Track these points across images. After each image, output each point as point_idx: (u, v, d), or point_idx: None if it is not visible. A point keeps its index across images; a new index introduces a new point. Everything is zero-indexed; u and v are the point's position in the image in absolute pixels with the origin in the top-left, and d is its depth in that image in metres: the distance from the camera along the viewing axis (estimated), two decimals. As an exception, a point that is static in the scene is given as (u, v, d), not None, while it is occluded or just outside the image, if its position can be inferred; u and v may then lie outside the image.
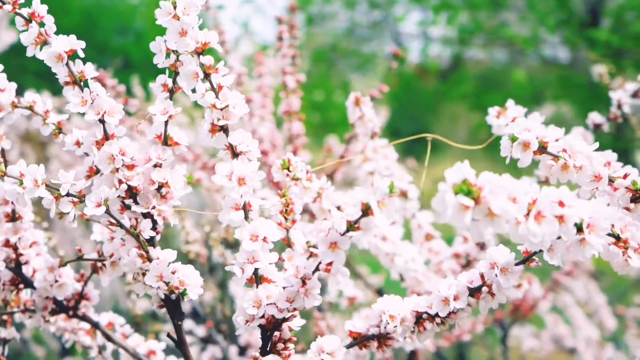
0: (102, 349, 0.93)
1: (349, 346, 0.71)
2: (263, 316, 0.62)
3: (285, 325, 0.62)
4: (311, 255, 0.61)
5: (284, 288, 0.61)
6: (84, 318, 0.87)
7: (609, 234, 0.57)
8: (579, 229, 0.54)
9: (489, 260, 0.67)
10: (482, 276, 0.68)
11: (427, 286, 1.07)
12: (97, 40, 5.41)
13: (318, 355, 0.69)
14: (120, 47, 5.65)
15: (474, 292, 0.68)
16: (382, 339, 0.70)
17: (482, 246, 1.09)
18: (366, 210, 0.55)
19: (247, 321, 0.62)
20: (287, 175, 0.76)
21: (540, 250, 0.62)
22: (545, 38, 3.93)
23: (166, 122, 0.69)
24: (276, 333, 0.63)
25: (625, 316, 2.37)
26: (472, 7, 3.79)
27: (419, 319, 0.70)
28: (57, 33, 0.68)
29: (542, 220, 0.51)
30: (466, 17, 4.01)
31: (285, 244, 0.72)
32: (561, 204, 0.53)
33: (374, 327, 0.70)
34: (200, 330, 1.47)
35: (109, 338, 0.89)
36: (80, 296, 0.85)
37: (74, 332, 0.93)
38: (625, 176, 0.61)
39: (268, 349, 0.63)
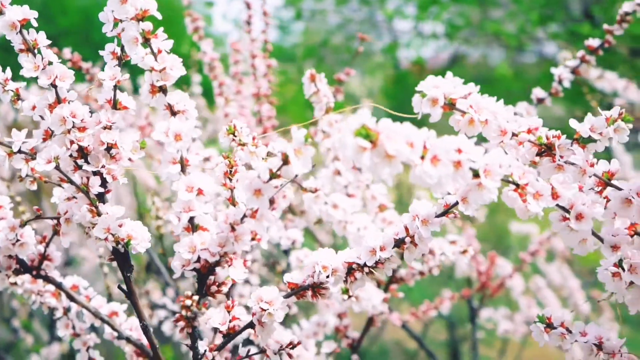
0: (67, 310, 0.99)
1: (286, 296, 0.77)
2: (198, 261, 0.67)
3: (218, 270, 0.67)
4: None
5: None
6: (47, 279, 0.92)
7: (509, 181, 0.63)
8: (477, 175, 0.59)
9: (411, 213, 0.73)
10: (406, 228, 0.73)
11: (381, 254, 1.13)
12: (95, 39, 5.47)
13: (257, 303, 0.74)
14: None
15: (399, 243, 0.74)
16: (316, 288, 0.76)
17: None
18: (286, 159, 0.61)
19: (183, 265, 0.67)
20: (233, 140, 0.82)
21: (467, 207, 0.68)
22: (533, 34, 3.99)
23: (115, 87, 0.74)
24: (211, 277, 0.68)
25: (599, 300, 2.43)
26: (459, 1, 3.84)
27: (350, 269, 0.76)
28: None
29: (437, 163, 0.56)
30: (453, 12, 4.06)
31: (230, 204, 0.78)
32: (459, 150, 0.58)
33: (309, 277, 0.76)
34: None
35: (72, 299, 0.94)
36: (43, 257, 0.90)
37: (40, 294, 0.99)
38: (529, 131, 0.66)
39: (203, 291, 0.68)
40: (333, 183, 1.20)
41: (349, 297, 0.95)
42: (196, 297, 0.65)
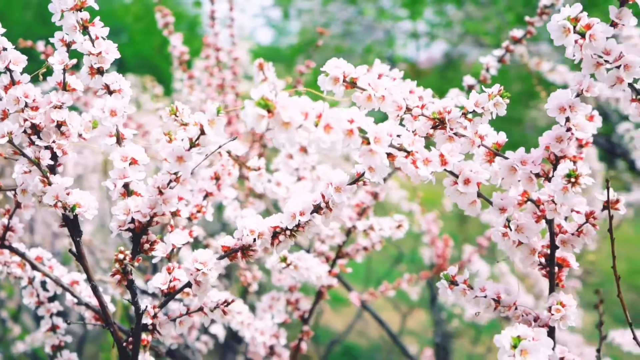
0: (31, 280, 1.08)
1: (220, 258, 0.85)
2: (133, 222, 0.76)
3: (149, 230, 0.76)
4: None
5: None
6: (11, 249, 1.01)
7: (400, 149, 0.72)
8: (368, 141, 0.68)
9: (326, 181, 0.81)
10: (322, 195, 0.82)
11: (326, 230, 1.22)
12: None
13: (193, 264, 0.83)
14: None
15: (317, 208, 0.83)
16: (245, 250, 0.85)
17: (375, 196, 1.23)
18: (202, 130, 0.70)
19: (119, 226, 0.76)
20: (175, 120, 0.90)
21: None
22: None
23: (64, 71, 0.83)
24: (144, 237, 0.77)
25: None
26: (437, 1, 3.93)
27: (275, 233, 0.84)
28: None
29: (330, 131, 0.65)
30: (433, 12, 4.16)
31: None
32: (351, 120, 0.67)
33: (239, 240, 0.85)
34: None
35: (35, 267, 1.03)
36: (7, 228, 0.99)
37: (7, 264, 1.08)
38: (422, 106, 0.75)
39: (138, 249, 0.77)
40: (286, 166, 1.29)
41: (287, 265, 1.04)
42: (129, 253, 0.74)
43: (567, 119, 0.75)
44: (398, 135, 0.71)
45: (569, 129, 0.76)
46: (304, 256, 1.06)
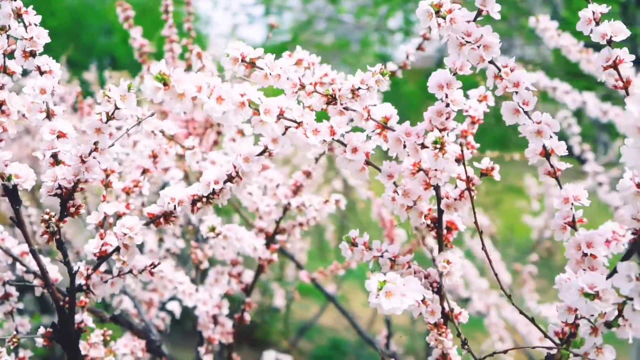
0: (-15, 252, 1.17)
1: (146, 224, 0.95)
2: (60, 188, 0.85)
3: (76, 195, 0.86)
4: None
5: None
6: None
7: (290, 120, 0.81)
8: (259, 112, 0.78)
9: (237, 153, 0.91)
10: (234, 165, 0.92)
11: (262, 207, 1.31)
12: (84, 40, 5.60)
13: (120, 229, 0.93)
14: (106, 47, 5.85)
15: (230, 178, 0.92)
16: (168, 216, 0.94)
17: (308, 174, 1.33)
18: (116, 106, 0.79)
19: (48, 192, 0.85)
20: (108, 101, 1.00)
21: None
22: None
23: (4, 55, 0.92)
24: (70, 201, 0.86)
25: (521, 272, 2.63)
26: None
27: (194, 201, 0.94)
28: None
29: (222, 102, 0.75)
30: (410, 9, 4.26)
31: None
32: (243, 94, 0.77)
33: (162, 207, 0.94)
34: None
35: (-14, 240, 1.12)
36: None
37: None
38: (315, 84, 0.85)
39: (64, 213, 0.86)
40: (232, 150, 1.38)
41: (216, 235, 1.13)
42: (55, 215, 0.84)
43: (446, 96, 0.85)
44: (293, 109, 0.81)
45: (447, 105, 0.86)
46: (234, 227, 1.16)
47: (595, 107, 1.83)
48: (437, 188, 0.91)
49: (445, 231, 0.94)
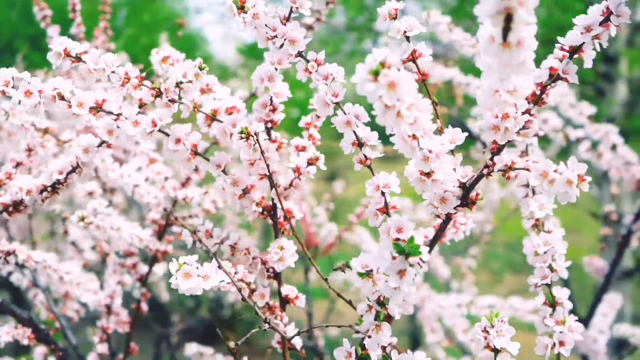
0: None
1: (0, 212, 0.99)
2: None
3: None
4: None
5: None
6: None
7: (107, 112, 0.85)
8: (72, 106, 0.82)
9: (77, 144, 0.95)
10: (77, 157, 0.96)
11: (149, 198, 1.35)
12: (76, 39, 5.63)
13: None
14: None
15: (75, 168, 0.96)
16: (17, 205, 0.98)
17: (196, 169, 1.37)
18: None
19: None
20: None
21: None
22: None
23: None
24: None
25: (460, 266, 2.67)
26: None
27: (42, 190, 0.98)
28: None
29: (30, 95, 0.79)
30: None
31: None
32: (55, 88, 0.81)
33: (12, 197, 0.98)
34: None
35: None
36: None
37: None
38: (140, 77, 0.89)
39: None
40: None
41: (87, 224, 1.17)
42: None
43: (266, 89, 0.89)
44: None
45: (271, 98, 0.90)
46: (111, 218, 1.20)
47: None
48: (270, 177, 0.95)
49: (282, 219, 0.98)
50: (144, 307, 1.44)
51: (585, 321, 1.86)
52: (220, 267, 0.81)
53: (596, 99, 4.88)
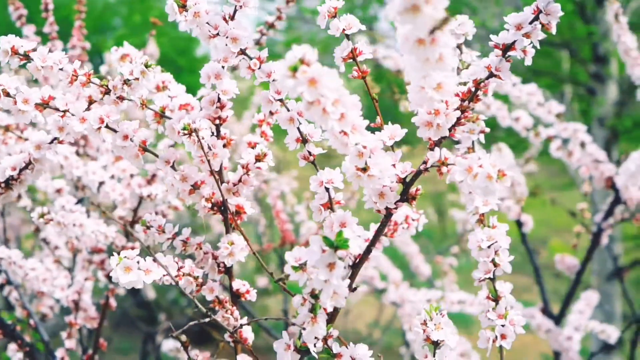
0: None
1: (-45, 209, 1.01)
2: None
3: None
4: None
5: None
6: None
7: (55, 108, 0.87)
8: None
9: (29, 141, 0.96)
10: (29, 153, 0.97)
11: (114, 196, 1.37)
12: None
13: None
14: (98, 46, 5.91)
15: (28, 164, 0.97)
16: (-26, 200, 1.00)
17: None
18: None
19: None
20: None
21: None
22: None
23: None
24: None
25: (442, 264, 2.68)
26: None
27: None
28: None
29: (-23, 92, 0.80)
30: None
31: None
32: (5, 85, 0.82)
33: (-33, 193, 1.00)
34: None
35: None
36: None
37: None
38: (88, 75, 0.90)
39: None
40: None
41: (47, 221, 1.19)
42: None
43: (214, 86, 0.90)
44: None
45: (218, 95, 0.91)
46: (72, 215, 1.21)
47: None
48: (219, 173, 0.96)
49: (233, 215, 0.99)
50: (113, 303, 1.46)
51: (557, 319, 1.88)
52: (155, 260, 0.82)
53: (588, 99, 4.90)
